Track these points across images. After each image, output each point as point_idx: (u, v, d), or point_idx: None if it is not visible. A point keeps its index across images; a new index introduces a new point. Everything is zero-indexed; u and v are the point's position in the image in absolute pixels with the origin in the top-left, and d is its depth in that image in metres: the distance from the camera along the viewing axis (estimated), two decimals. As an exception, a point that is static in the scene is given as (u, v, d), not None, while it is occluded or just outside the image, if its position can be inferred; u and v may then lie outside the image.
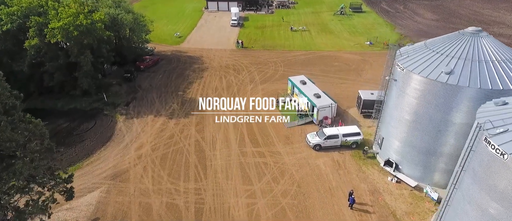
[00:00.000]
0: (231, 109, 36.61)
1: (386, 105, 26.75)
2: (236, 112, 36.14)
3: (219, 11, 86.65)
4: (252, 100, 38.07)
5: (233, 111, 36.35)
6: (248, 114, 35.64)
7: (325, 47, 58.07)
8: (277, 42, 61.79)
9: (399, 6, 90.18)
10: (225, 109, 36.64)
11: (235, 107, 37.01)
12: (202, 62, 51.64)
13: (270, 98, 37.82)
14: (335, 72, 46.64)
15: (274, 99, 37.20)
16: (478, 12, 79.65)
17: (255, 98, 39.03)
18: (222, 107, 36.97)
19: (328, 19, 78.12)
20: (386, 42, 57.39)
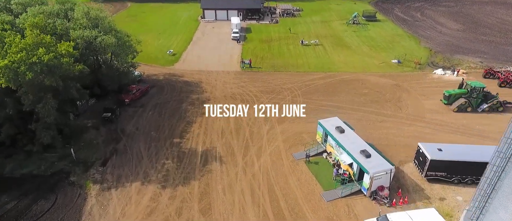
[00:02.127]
0: (246, 167, 27.43)
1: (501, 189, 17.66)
2: (252, 172, 26.98)
3: (217, 21, 77.16)
4: (271, 154, 28.99)
5: (248, 168, 27.17)
6: (268, 175, 26.48)
7: (345, 67, 49.16)
8: (288, 60, 52.68)
9: (415, 13, 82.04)
10: (237, 168, 27.43)
11: (250, 163, 27.85)
12: (202, 91, 42.21)
13: (296, 154, 28.95)
14: (368, 104, 37.77)
15: (304, 155, 28.26)
16: (505, 20, 71.97)
17: (273, 146, 30.01)
18: (233, 165, 27.74)
19: (340, 29, 69.37)
20: (418, 60, 48.83)
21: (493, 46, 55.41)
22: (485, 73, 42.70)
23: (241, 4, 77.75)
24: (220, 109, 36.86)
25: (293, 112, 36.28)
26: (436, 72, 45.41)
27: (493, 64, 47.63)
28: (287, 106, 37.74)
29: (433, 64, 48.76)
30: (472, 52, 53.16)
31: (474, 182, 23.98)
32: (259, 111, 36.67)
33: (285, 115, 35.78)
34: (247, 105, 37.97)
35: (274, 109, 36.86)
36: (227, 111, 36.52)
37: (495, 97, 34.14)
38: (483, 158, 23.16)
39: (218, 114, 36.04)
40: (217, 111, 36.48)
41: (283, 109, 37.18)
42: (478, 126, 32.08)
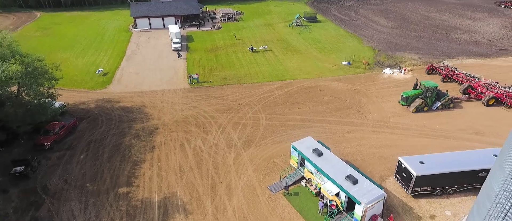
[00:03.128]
0: (217, 213, 22.82)
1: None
2: (226, 219, 22.52)
3: (152, 30, 69.28)
4: (244, 191, 24.87)
5: (221, 215, 22.63)
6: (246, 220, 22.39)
7: (300, 73, 47.42)
8: (239, 70, 48.85)
9: (350, 12, 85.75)
10: (207, 218, 22.63)
11: (221, 207, 23.30)
12: (147, 117, 35.79)
13: (272, 186, 25.35)
14: (332, 113, 36.19)
15: (282, 186, 24.84)
16: (427, 16, 79.44)
17: (245, 180, 25.98)
18: (201, 215, 22.83)
19: (285, 32, 68.15)
20: (366, 61, 49.66)
21: (424, 42, 59.88)
22: (428, 70, 45.12)
23: (178, 10, 71.24)
24: (173, 143, 31.37)
25: (256, 130, 32.76)
26: (385, 71, 46.56)
27: (430, 59, 51.02)
28: (247, 123, 34.09)
29: (380, 63, 50.14)
30: (409, 48, 56.50)
31: (456, 191, 23.54)
32: (220, 132, 32.19)
33: (249, 137, 31.99)
34: (203, 129, 33.16)
35: (235, 131, 32.82)
36: (182, 143, 31.18)
37: (447, 95, 35.60)
38: (465, 167, 22.73)
39: (171, 147, 30.51)
40: (170, 145, 30.90)
41: (243, 127, 33.46)
42: (438, 126, 32.81)
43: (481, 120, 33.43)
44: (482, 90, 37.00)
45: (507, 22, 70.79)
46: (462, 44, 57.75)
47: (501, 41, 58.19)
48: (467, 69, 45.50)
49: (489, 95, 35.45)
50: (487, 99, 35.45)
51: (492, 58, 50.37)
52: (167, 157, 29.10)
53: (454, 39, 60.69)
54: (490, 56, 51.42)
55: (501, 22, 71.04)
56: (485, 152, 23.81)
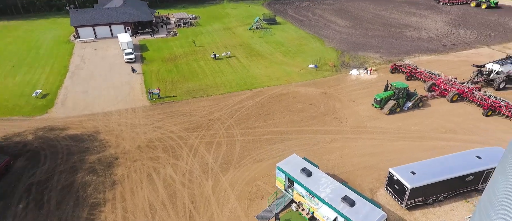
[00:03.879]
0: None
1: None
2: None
3: (98, 40, 62.02)
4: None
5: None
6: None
7: (269, 80, 45.37)
8: (204, 81, 45.23)
9: (307, 13, 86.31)
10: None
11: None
12: (103, 146, 30.74)
13: (260, 215, 22.62)
14: (308, 122, 34.63)
15: (272, 214, 22.27)
16: (378, 14, 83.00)
17: (228, 211, 22.98)
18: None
19: (247, 36, 65.80)
20: (332, 63, 49.41)
21: (381, 40, 61.94)
22: (392, 69, 46.17)
23: (128, 17, 64.82)
24: (139, 175, 27.07)
25: (232, 149, 29.85)
26: (352, 73, 46.63)
27: (390, 57, 52.57)
28: (222, 141, 31.02)
29: (345, 65, 50.28)
30: (369, 47, 57.83)
31: (446, 197, 23.22)
32: (192, 156, 28.62)
33: (225, 158, 28.94)
34: (172, 154, 29.30)
35: (209, 153, 29.55)
36: (150, 173, 27.03)
37: (416, 94, 36.25)
38: (454, 173, 22.40)
39: (136, 181, 26.22)
40: (135, 178, 26.58)
41: (218, 147, 30.34)
42: (412, 127, 33.06)
43: (449, 117, 34.49)
44: (445, 87, 38.49)
45: (448, 18, 76.82)
46: (415, 41, 60.83)
47: (448, 36, 62.54)
48: (425, 66, 47.47)
49: (453, 92, 36.91)
50: (451, 96, 36.87)
51: (444, 54, 53.55)
52: (132, 194, 24.83)
53: (407, 36, 63.78)
54: (441, 51, 54.66)
55: (443, 18, 76.85)
56: (468, 155, 23.88)
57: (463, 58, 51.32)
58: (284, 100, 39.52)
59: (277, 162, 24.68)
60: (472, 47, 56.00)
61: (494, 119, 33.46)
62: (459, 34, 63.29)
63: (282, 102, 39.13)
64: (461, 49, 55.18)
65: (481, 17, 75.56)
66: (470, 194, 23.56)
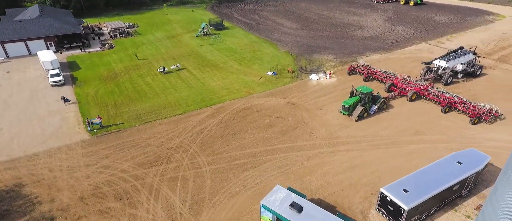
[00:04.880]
0: None
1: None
2: None
3: (11, 60, 51.03)
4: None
5: None
6: None
7: (228, 93, 41.64)
8: (154, 101, 39.56)
9: (253, 15, 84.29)
10: None
11: None
12: (30, 204, 23.77)
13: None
14: (280, 139, 31.92)
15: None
16: (322, 14, 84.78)
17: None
18: None
19: (194, 44, 60.86)
20: (291, 69, 47.75)
21: (331, 41, 62.69)
22: (349, 71, 46.24)
23: (48, 30, 54.74)
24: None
25: (201, 185, 25.62)
26: (311, 78, 45.51)
27: (344, 58, 53.04)
28: (187, 175, 26.56)
29: (303, 69, 49.09)
30: (321, 49, 57.84)
31: (436, 210, 22.54)
32: (153, 200, 23.62)
33: (195, 196, 24.60)
34: (126, 201, 23.90)
35: (174, 193, 24.88)
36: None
37: (380, 97, 36.22)
38: (444, 184, 21.68)
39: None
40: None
41: (183, 184, 25.84)
42: (383, 132, 32.70)
43: (412, 117, 35.09)
44: (402, 86, 39.46)
45: (385, 16, 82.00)
46: (362, 40, 62.91)
47: (389, 34, 66.16)
48: (377, 65, 48.73)
49: (412, 91, 37.90)
50: (411, 95, 37.81)
51: (390, 51, 56.06)
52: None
53: (353, 36, 65.73)
54: (387, 49, 57.19)
55: (380, 16, 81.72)
56: (449, 162, 23.61)
57: (407, 55, 54.26)
58: (249, 115, 36.28)
59: (255, 194, 21.55)
60: (412, 43, 59.81)
61: (452, 115, 35.00)
62: (398, 31, 67.48)
63: (248, 117, 35.85)
64: (403, 46, 58.47)
65: (412, 14, 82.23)
66: (456, 202, 23.36)
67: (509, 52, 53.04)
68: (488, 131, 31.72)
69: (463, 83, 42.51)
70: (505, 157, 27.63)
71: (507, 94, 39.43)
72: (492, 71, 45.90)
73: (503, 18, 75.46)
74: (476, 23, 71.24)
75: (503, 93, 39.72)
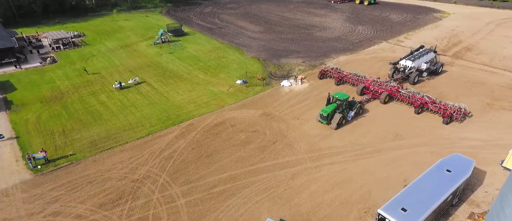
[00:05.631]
0: None
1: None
2: None
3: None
4: None
5: None
6: None
7: (197, 108, 38.00)
8: (111, 123, 34.60)
9: (213, 19, 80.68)
10: None
11: None
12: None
13: None
14: (259, 157, 29.28)
15: None
16: (284, 16, 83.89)
17: None
18: None
19: (153, 53, 55.80)
20: (260, 76, 45.43)
21: (296, 44, 61.70)
22: (320, 75, 45.25)
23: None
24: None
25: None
26: (283, 84, 43.65)
27: (312, 62, 52.12)
28: (164, 216, 22.84)
29: (273, 75, 47.11)
30: (288, 53, 56.45)
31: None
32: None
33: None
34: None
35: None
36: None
37: (356, 102, 35.43)
38: (439, 198, 20.78)
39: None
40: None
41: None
42: (363, 140, 31.74)
43: (389, 120, 34.79)
44: (375, 89, 39.29)
45: (344, 16, 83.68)
46: (326, 41, 62.90)
47: (351, 34, 67.17)
48: (345, 67, 48.44)
49: (385, 93, 37.79)
50: (384, 98, 37.68)
51: (356, 52, 56.54)
52: None
53: (317, 37, 65.54)
54: (352, 50, 57.65)
55: (339, 16, 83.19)
56: (438, 171, 22.97)
57: (372, 55, 55.11)
58: (222, 132, 33.19)
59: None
60: (374, 43, 61.13)
61: (425, 116, 35.36)
62: (359, 31, 68.85)
63: (221, 134, 32.74)
64: (366, 46, 59.45)
65: (368, 13, 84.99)
66: (449, 212, 22.83)
67: (461, 48, 56.47)
68: (461, 130, 32.42)
69: (427, 81, 43.79)
70: (483, 156, 28.14)
71: (468, 90, 41.25)
72: (450, 67, 48.14)
73: (449, 15, 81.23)
74: (427, 21, 75.59)
75: (464, 89, 41.48)
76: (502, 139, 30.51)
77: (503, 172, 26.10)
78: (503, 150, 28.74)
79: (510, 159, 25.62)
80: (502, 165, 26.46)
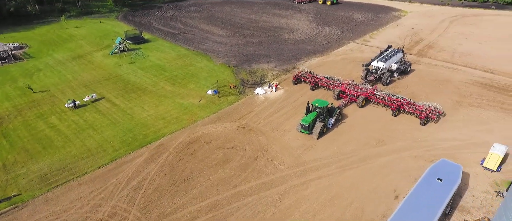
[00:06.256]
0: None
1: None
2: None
3: None
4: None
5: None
6: None
7: (166, 124, 34.41)
8: (66, 151, 29.88)
9: (176, 23, 76.19)
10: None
11: None
12: None
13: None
14: (242, 176, 26.74)
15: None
16: (249, 18, 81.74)
17: None
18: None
19: (111, 64, 50.56)
20: (233, 84, 42.85)
21: (266, 47, 59.90)
22: (294, 80, 43.76)
23: None
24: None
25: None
26: (257, 92, 41.48)
27: (284, 66, 50.59)
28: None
29: (246, 83, 44.77)
30: (259, 57, 54.44)
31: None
32: None
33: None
34: None
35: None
36: None
37: (335, 108, 34.35)
38: (437, 210, 19.97)
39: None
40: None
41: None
42: (347, 148, 30.63)
43: (369, 124, 34.17)
44: (351, 92, 38.67)
45: (309, 16, 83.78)
46: (296, 43, 61.96)
47: (319, 36, 67.01)
48: (317, 70, 47.54)
49: (362, 97, 37.25)
50: (361, 101, 37.13)
51: (326, 54, 56.15)
52: None
53: (286, 40, 64.40)
54: (322, 52, 57.23)
55: (305, 17, 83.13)
56: (430, 182, 22.31)
57: (342, 56, 55.07)
58: (197, 151, 30.15)
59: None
60: (342, 43, 61.38)
61: (402, 118, 35.29)
62: (326, 32, 68.99)
63: (196, 154, 29.70)
64: (335, 47, 59.41)
65: (332, 13, 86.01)
66: (443, 220, 22.29)
67: (423, 46, 58.66)
68: (438, 131, 32.70)
69: (398, 81, 44.35)
70: (463, 157, 28.32)
71: (436, 88, 42.33)
72: (417, 66, 49.44)
73: (407, 13, 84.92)
74: (388, 20, 78.19)
75: (432, 87, 42.49)
76: (477, 137, 31.22)
77: (484, 173, 26.40)
78: (480, 148, 29.32)
79: (490, 159, 25.95)
80: (482, 165, 26.79)
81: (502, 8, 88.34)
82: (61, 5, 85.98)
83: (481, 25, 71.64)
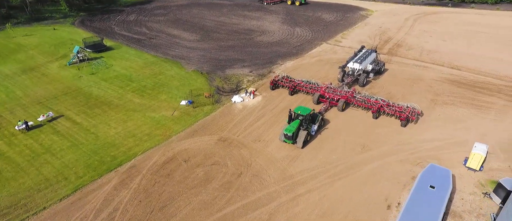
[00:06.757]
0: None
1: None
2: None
3: None
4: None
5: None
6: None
7: (138, 142, 31.09)
8: (17, 183, 25.68)
9: (140, 28, 71.52)
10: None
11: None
12: None
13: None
14: (227, 197, 24.51)
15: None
16: (219, 21, 79.02)
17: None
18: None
19: (70, 77, 45.62)
20: (208, 93, 40.32)
21: (239, 51, 57.85)
22: (272, 85, 42.16)
23: None
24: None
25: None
26: (235, 101, 39.34)
27: (260, 70, 48.89)
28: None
29: (221, 90, 42.41)
30: (232, 62, 52.23)
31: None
32: None
33: None
34: None
35: None
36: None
37: (318, 115, 33.22)
38: (437, 217, 19.39)
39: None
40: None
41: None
42: (333, 156, 29.55)
43: (352, 129, 33.48)
44: (330, 96, 37.91)
45: (279, 17, 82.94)
46: (269, 46, 60.58)
47: (291, 37, 66.20)
48: (293, 74, 46.44)
49: (342, 101, 36.57)
50: (342, 105, 36.45)
51: (300, 57, 55.29)
52: None
53: (259, 42, 62.82)
54: (296, 54, 56.36)
55: (275, 18, 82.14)
56: (424, 190, 21.80)
57: (316, 57, 54.57)
58: (175, 171, 27.44)
59: None
60: (315, 45, 61.04)
61: (383, 120, 35.06)
62: (298, 34, 68.45)
63: (174, 174, 26.99)
64: (309, 49, 58.86)
65: (302, 14, 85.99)
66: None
67: (392, 44, 60.05)
68: (418, 132, 32.81)
69: (374, 82, 44.54)
70: (446, 157, 28.44)
71: (410, 87, 42.96)
72: (389, 65, 50.18)
73: (373, 12, 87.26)
74: (356, 19, 79.63)
75: (407, 87, 43.09)
76: (456, 136, 31.70)
77: (468, 173, 26.60)
78: (460, 147, 29.73)
79: (473, 160, 26.17)
80: (465, 165, 27.00)
81: (457, 6, 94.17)
82: (6, 11, 77.34)
83: (442, 23, 75.33)
